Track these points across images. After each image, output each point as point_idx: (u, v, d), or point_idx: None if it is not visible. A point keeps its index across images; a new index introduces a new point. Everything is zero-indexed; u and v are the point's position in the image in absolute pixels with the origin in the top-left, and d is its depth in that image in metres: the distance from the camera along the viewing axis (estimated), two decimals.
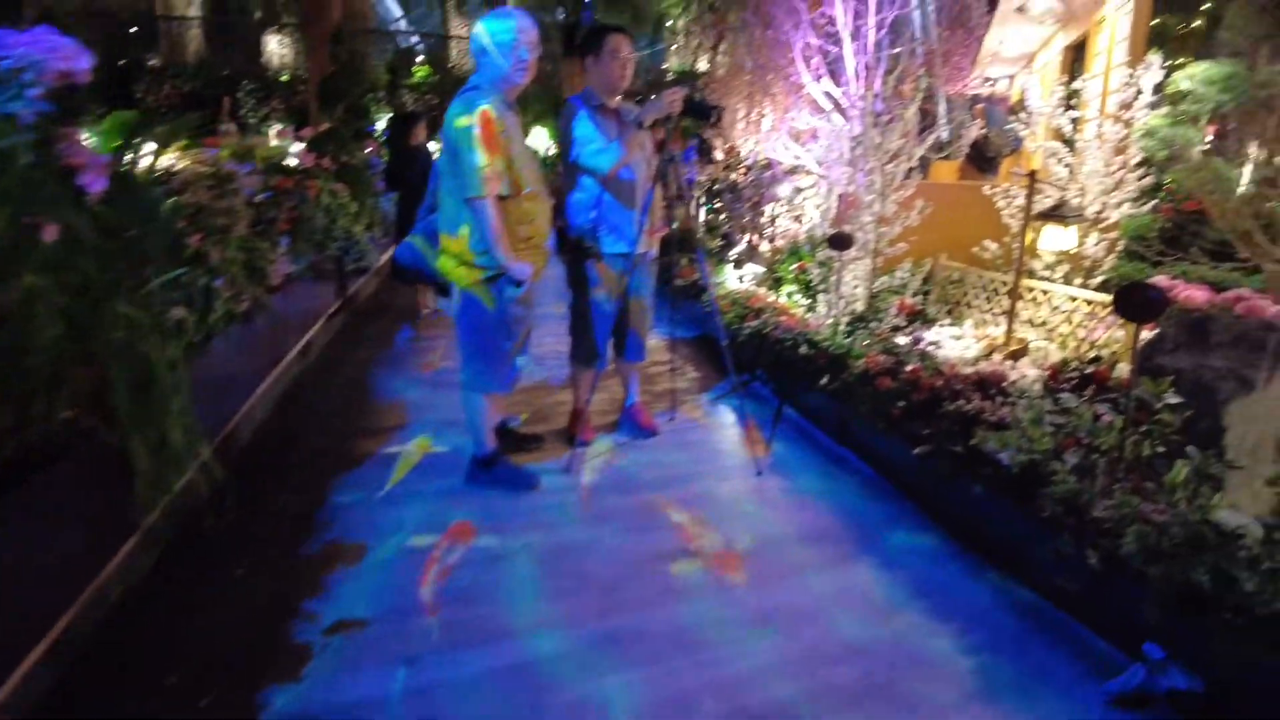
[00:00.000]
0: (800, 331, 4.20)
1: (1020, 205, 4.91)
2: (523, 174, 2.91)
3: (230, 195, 3.25)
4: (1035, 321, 4.80)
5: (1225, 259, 5.44)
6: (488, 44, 2.87)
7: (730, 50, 14.00)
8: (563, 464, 3.51)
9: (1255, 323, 3.07)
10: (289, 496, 3.19)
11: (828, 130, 4.83)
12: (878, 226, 4.57)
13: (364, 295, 7.32)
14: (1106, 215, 5.08)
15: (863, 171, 4.55)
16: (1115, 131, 5.06)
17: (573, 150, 3.31)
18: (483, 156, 2.75)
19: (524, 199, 2.94)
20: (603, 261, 3.42)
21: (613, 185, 3.34)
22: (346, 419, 4.14)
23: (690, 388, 4.62)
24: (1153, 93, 5.20)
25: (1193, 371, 2.93)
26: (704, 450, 3.71)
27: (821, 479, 3.39)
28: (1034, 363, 4.18)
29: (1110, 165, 5.06)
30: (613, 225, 3.39)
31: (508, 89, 2.93)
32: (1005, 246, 5.20)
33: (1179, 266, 5.50)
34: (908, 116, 4.45)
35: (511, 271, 2.91)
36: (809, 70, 4.84)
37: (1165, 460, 2.49)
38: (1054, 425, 2.68)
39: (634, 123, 3.23)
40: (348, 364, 5.18)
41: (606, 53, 3.28)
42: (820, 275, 4.93)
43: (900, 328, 4.28)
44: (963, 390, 3.08)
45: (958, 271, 5.33)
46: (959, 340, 4.50)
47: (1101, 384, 3.00)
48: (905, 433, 3.12)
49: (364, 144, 8.10)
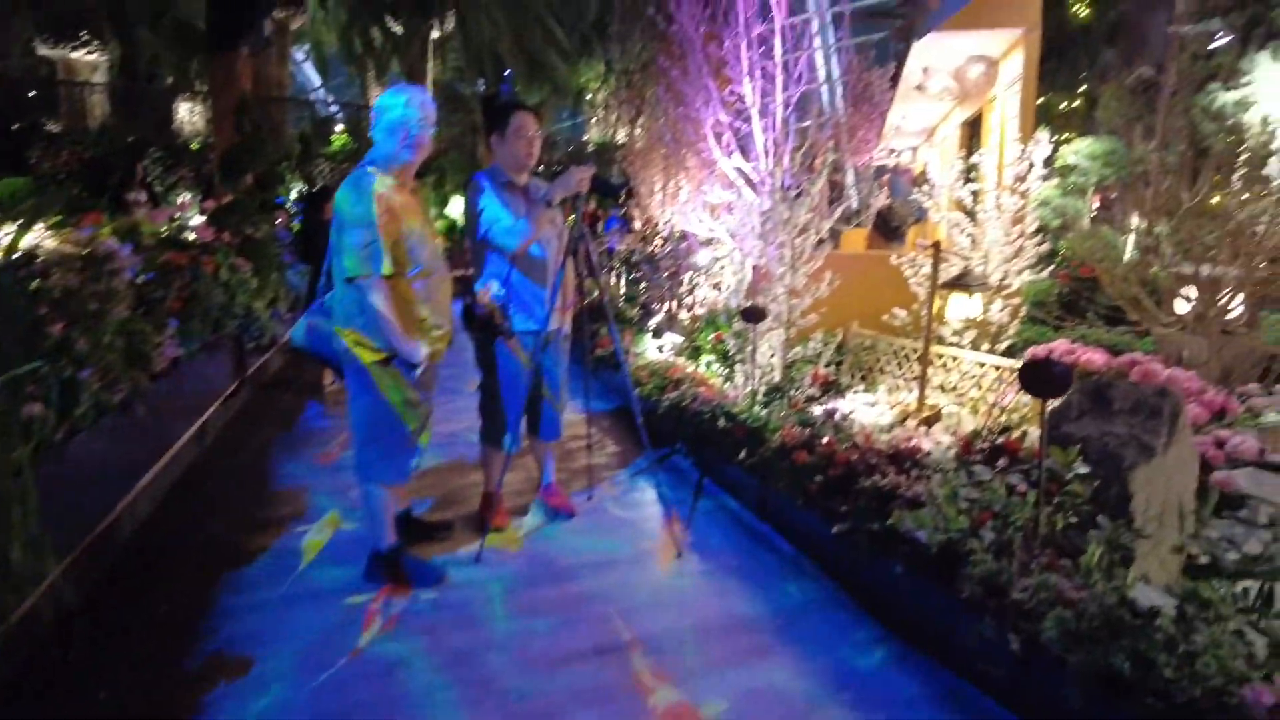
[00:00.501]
0: (718, 403, 4.16)
1: (927, 274, 5.05)
2: (416, 253, 2.81)
3: (108, 277, 3.02)
4: (946, 387, 4.90)
5: (1118, 323, 5.71)
6: (379, 121, 2.80)
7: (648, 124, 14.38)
8: (473, 554, 3.31)
9: (1151, 389, 3.15)
10: (171, 600, 2.90)
11: (740, 204, 4.90)
12: (790, 298, 4.61)
13: (267, 372, 6.99)
14: (1009, 282, 5.27)
15: (773, 245, 4.60)
16: (1013, 203, 5.29)
17: (480, 227, 3.22)
18: (364, 235, 2.66)
19: (418, 278, 2.83)
20: (513, 339, 3.31)
21: (522, 262, 3.27)
22: (242, 509, 3.85)
23: (609, 463, 4.49)
24: (1043, 166, 5.48)
25: (1098, 439, 2.97)
26: (623, 532, 3.57)
27: (741, 558, 3.29)
28: (947, 429, 4.23)
29: (1010, 234, 5.28)
30: (523, 303, 3.30)
31: (400, 166, 2.85)
32: (913, 314, 5.33)
33: (1078, 330, 5.73)
34: (815, 191, 4.54)
35: (404, 353, 2.78)
36: (720, 146, 4.92)
37: (1079, 532, 2.49)
38: (969, 500, 2.66)
39: (542, 200, 3.17)
40: (246, 447, 4.87)
41: (513, 130, 3.24)
42: (737, 345, 4.93)
43: (815, 398, 4.28)
44: (878, 464, 3.06)
45: (869, 339, 5.43)
46: (873, 407, 4.54)
47: (1013, 454, 3.01)
48: (823, 508, 3.06)
49: (271, 216, 7.86)
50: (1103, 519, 2.49)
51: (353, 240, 2.67)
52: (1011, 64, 5.95)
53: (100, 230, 3.38)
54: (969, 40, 6.10)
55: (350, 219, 2.68)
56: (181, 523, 3.66)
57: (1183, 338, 4.70)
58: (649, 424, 3.66)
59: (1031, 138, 5.21)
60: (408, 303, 2.82)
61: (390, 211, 2.72)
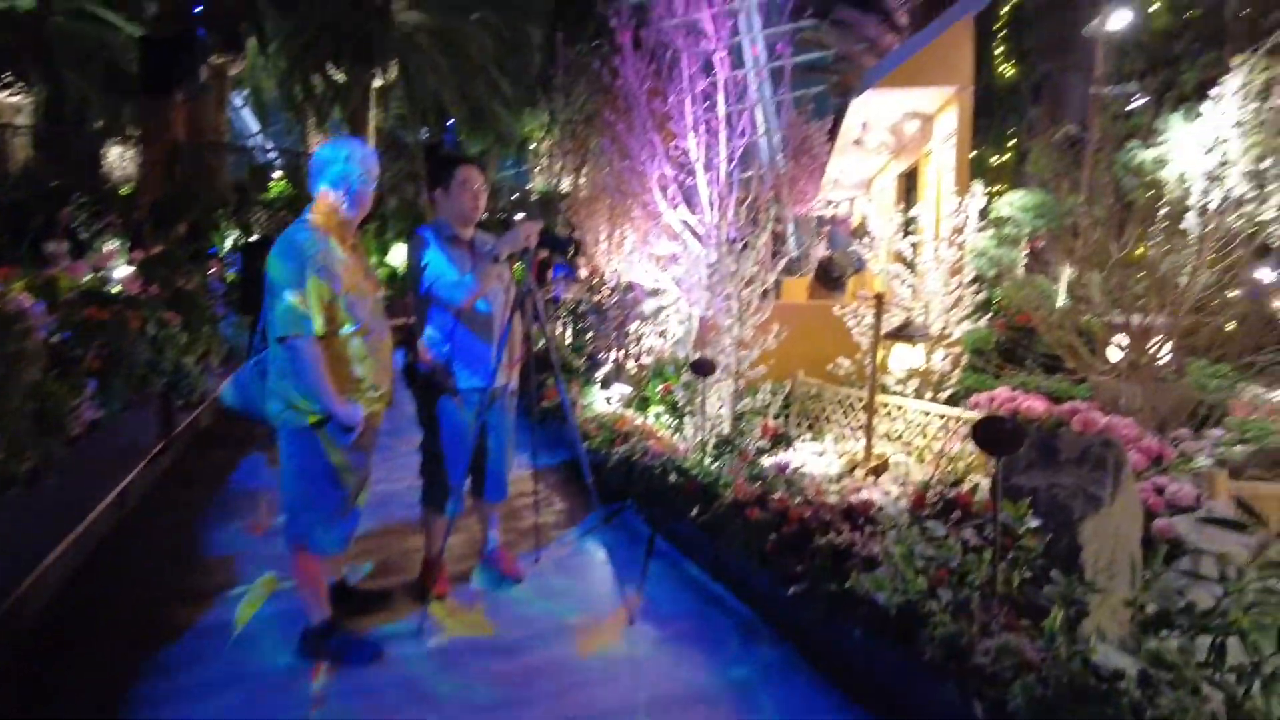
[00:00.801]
0: (669, 457, 4.09)
1: (869, 325, 5.12)
2: (355, 310, 2.70)
3: (17, 337, 2.83)
4: (892, 436, 4.93)
5: (1055, 370, 5.84)
6: (320, 175, 2.71)
7: (592, 173, 14.50)
8: (414, 625, 3.14)
9: (1097, 439, 3.19)
10: (76, 691, 2.66)
11: (686, 255, 4.90)
12: (738, 350, 4.60)
13: (197, 430, 6.67)
14: (949, 332, 5.37)
15: (720, 296, 4.60)
16: (951, 254, 5.41)
17: (423, 283, 3.13)
18: (296, 294, 2.54)
19: (356, 336, 2.72)
20: (457, 397, 3.20)
21: (467, 318, 3.17)
22: (165, 581, 3.60)
23: (557, 521, 4.37)
24: (978, 217, 5.63)
25: (1047, 490, 2.98)
26: (572, 597, 3.44)
27: (696, 622, 3.18)
28: (895, 478, 4.24)
29: (948, 285, 5.39)
30: (468, 359, 3.20)
31: (340, 221, 2.75)
32: (857, 363, 5.38)
33: (1017, 378, 5.84)
34: (760, 244, 4.57)
35: (339, 416, 2.65)
36: (665, 199, 4.94)
37: (1034, 587, 2.47)
38: (925, 558, 2.63)
39: (489, 255, 3.10)
40: (172, 512, 4.59)
41: (458, 184, 3.18)
42: (686, 397, 4.89)
43: (765, 450, 4.25)
44: (832, 521, 3.01)
45: (815, 388, 5.45)
46: (821, 457, 4.53)
47: (965, 508, 3.01)
48: (779, 568, 2.99)
49: (205, 266, 7.60)
50: (1056, 574, 2.48)
51: (285, 298, 2.56)
52: (946, 120, 6.16)
53: (10, 286, 3.17)
54: (905, 97, 6.30)
55: (283, 276, 2.57)
56: (96, 599, 3.40)
57: (1118, 385, 4.83)
58: (598, 478, 3.57)
59: (968, 191, 5.37)
60: (344, 362, 2.70)
61: (327, 268, 2.62)
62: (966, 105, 5.79)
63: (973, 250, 5.74)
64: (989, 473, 4.12)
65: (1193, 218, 4.71)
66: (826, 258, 7.62)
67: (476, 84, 17.77)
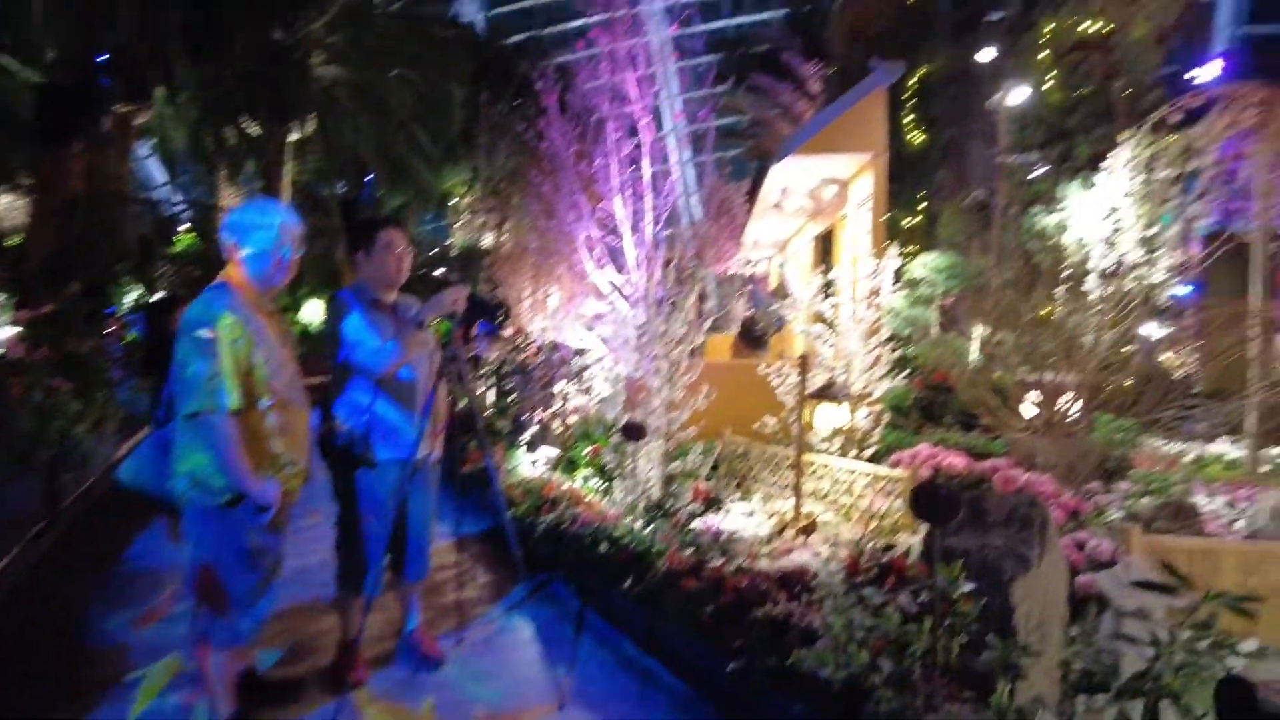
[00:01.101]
0: (599, 525, 3.98)
1: (794, 384, 5.18)
2: (272, 382, 2.54)
3: None
4: (819, 494, 4.95)
5: (972, 426, 6.03)
6: (244, 240, 2.56)
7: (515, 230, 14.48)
8: (329, 715, 2.90)
9: (1023, 499, 3.25)
10: None
11: (614, 316, 4.87)
12: (667, 411, 4.56)
13: (90, 502, 6.17)
14: (870, 390, 5.48)
15: (649, 357, 4.57)
16: (869, 314, 5.55)
17: (343, 349, 2.98)
18: (213, 366, 2.38)
19: (274, 410, 2.55)
20: (376, 470, 3.03)
21: (389, 386, 3.03)
22: (49, 675, 3.24)
23: (481, 596, 4.16)
24: (894, 279, 5.81)
25: (978, 552, 3.00)
26: (498, 679, 3.26)
27: (631, 704, 3.04)
28: (825, 539, 4.24)
29: (868, 344, 5.51)
30: (389, 430, 3.04)
31: (262, 288, 2.60)
32: (782, 421, 5.42)
33: (936, 434, 6.00)
34: (689, 306, 4.59)
35: (254, 495, 2.46)
36: (592, 259, 4.92)
37: (972, 653, 2.46)
38: (864, 629, 2.59)
39: (413, 321, 2.98)
40: (56, 596, 4.18)
41: (381, 247, 3.07)
42: (615, 460, 4.80)
43: (697, 513, 4.19)
44: (769, 590, 2.96)
45: (742, 447, 5.46)
46: (751, 517, 4.50)
47: (900, 573, 3.00)
48: (716, 641, 2.91)
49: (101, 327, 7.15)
50: (992, 638, 2.48)
51: (198, 370, 2.38)
52: (862, 185, 6.38)
53: None
54: (823, 163, 6.53)
55: (196, 345, 2.40)
56: None
57: (1032, 440, 5.00)
58: (525, 548, 3.43)
59: (884, 253, 5.54)
60: (260, 437, 2.52)
61: (246, 338, 2.46)
62: (881, 171, 6.03)
63: (889, 310, 5.92)
64: (915, 530, 4.17)
65: (1093, 280, 4.98)
66: (749, 317, 7.74)
67: (396, 139, 17.64)
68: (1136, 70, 8.44)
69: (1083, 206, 5.42)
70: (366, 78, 16.73)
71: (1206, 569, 3.58)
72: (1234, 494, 4.73)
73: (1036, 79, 9.01)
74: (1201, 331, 5.83)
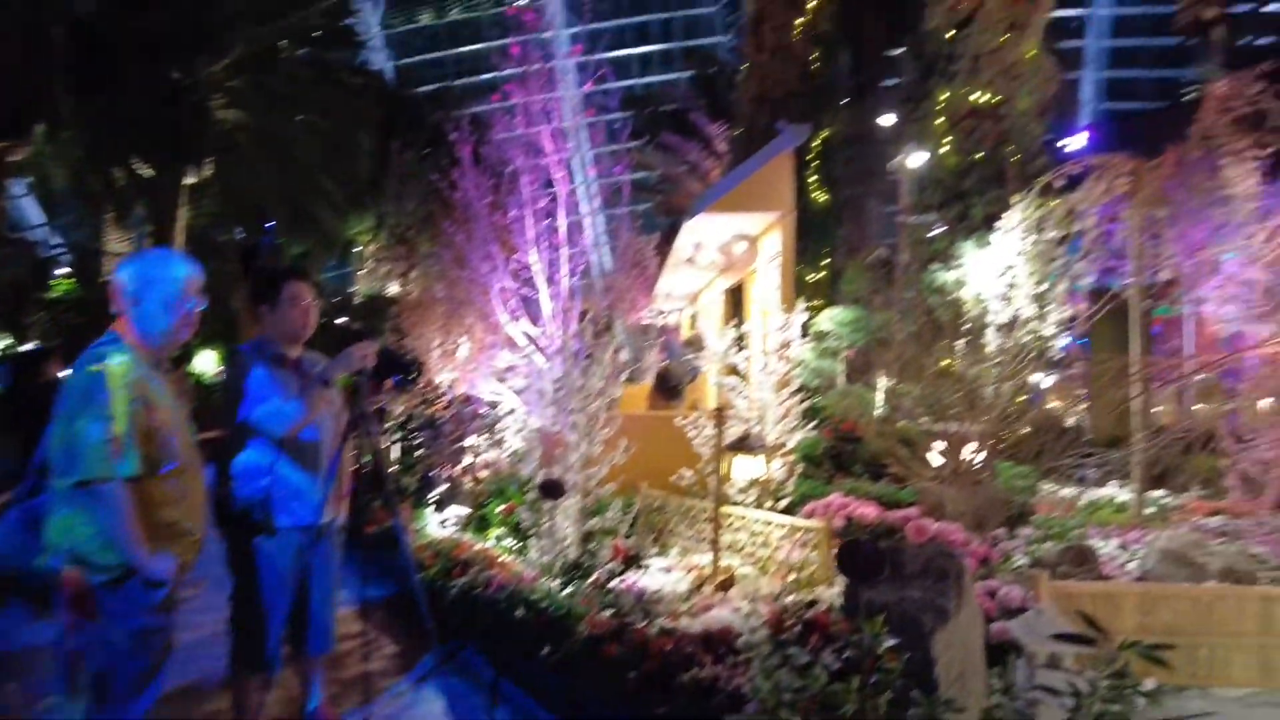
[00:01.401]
0: (515, 588, 3.82)
1: (710, 435, 5.19)
2: (168, 447, 2.32)
3: None
4: (736, 547, 4.93)
5: (881, 475, 6.17)
6: (142, 294, 2.36)
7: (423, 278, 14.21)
8: None
9: (937, 550, 3.30)
10: None
11: (529, 368, 4.78)
12: (585, 467, 4.48)
13: None
14: (784, 441, 5.54)
15: (566, 411, 4.49)
16: (781, 366, 5.65)
17: (243, 408, 2.78)
18: (107, 429, 2.16)
19: (169, 476, 2.33)
20: (277, 537, 2.82)
21: (291, 447, 2.84)
22: None
23: (388, 668, 3.92)
24: (801, 331, 5.94)
25: (898, 605, 3.01)
26: None
27: None
28: (744, 593, 4.20)
29: (780, 395, 5.60)
30: (290, 493, 2.84)
31: (162, 345, 2.40)
32: (699, 473, 5.42)
33: (847, 484, 6.10)
34: (606, 359, 4.55)
35: (146, 571, 2.23)
36: (506, 311, 4.83)
37: (898, 709, 2.44)
38: (792, 690, 2.54)
39: (319, 378, 2.81)
40: None
41: (286, 299, 2.91)
42: (531, 518, 4.66)
43: (617, 572, 4.09)
44: (694, 654, 2.88)
45: (659, 500, 5.40)
46: (669, 573, 4.43)
47: (824, 629, 2.98)
48: (641, 708, 2.80)
49: None
50: (916, 694, 2.47)
51: (89, 432, 2.14)
52: (771, 241, 6.56)
53: None
54: (734, 221, 6.71)
55: (88, 407, 2.17)
56: None
57: (939, 489, 5.14)
58: (435, 614, 3.24)
59: (793, 307, 5.67)
60: (155, 506, 2.29)
61: (145, 398, 2.25)
62: (789, 228, 6.21)
63: (799, 362, 6.04)
64: (833, 582, 4.18)
65: (991, 333, 5.23)
66: (664, 367, 7.76)
67: (299, 185, 17.13)
68: (1024, 138, 9.19)
69: (979, 264, 5.72)
70: (270, 123, 16.26)
71: (1108, 611, 3.73)
72: (1125, 537, 4.98)
73: (933, 144, 9.65)
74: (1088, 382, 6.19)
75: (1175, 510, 5.52)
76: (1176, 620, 3.79)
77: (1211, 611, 3.79)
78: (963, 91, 9.43)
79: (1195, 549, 4.33)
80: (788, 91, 14.12)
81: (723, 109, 17.54)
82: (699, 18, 34.96)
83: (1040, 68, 9.94)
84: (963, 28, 9.99)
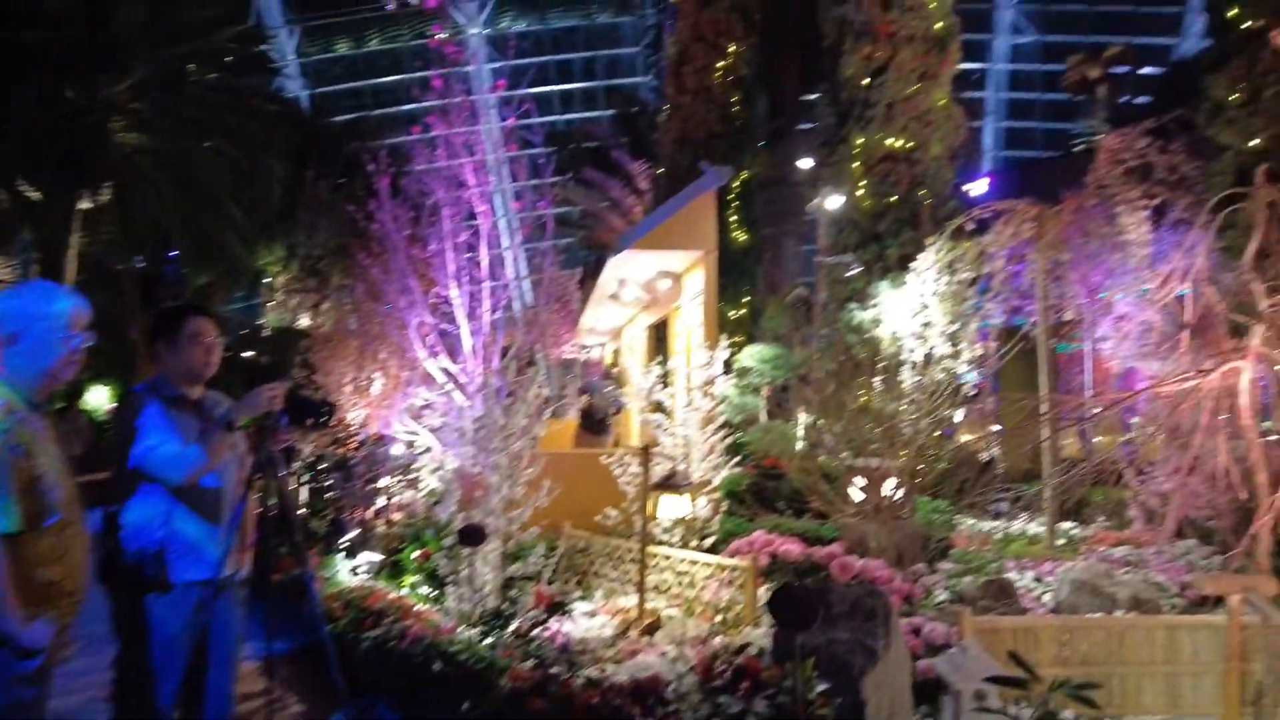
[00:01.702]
0: (432, 640, 3.63)
1: (635, 473, 5.13)
2: (49, 498, 2.10)
3: None
4: (661, 588, 4.85)
5: (804, 511, 6.21)
6: (21, 331, 2.14)
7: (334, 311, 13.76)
8: None
9: (864, 589, 3.30)
10: None
11: (447, 406, 4.62)
12: (506, 510, 4.34)
13: None
14: (709, 478, 5.52)
15: (487, 451, 4.35)
16: (705, 403, 5.65)
17: (135, 453, 2.55)
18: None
19: (50, 531, 2.10)
20: (171, 594, 2.58)
21: (190, 496, 2.61)
22: None
23: None
24: (724, 368, 5.98)
25: (826, 648, 2.98)
26: None
27: None
28: (670, 636, 4.11)
29: (705, 432, 5.60)
30: (188, 546, 2.61)
31: (44, 388, 2.19)
32: (624, 512, 5.34)
33: (770, 520, 6.11)
34: (530, 396, 4.44)
35: (20, 639, 1.99)
36: (424, 346, 4.68)
37: None
38: None
39: (221, 421, 2.61)
40: None
41: (187, 336, 2.70)
42: (449, 565, 4.46)
43: (540, 621, 3.95)
44: (622, 706, 2.77)
45: (584, 540, 5.29)
46: (594, 618, 4.31)
47: (754, 675, 2.91)
48: None
49: None
50: None
51: None
52: (694, 279, 6.63)
53: None
54: (658, 258, 6.76)
55: None
56: None
57: (861, 524, 5.19)
58: (346, 668, 3.04)
59: (716, 344, 5.71)
60: (32, 565, 2.04)
61: (26, 446, 2.02)
62: (712, 267, 6.29)
63: (722, 399, 6.08)
64: (759, 622, 4.14)
65: (907, 371, 5.36)
66: (588, 403, 7.69)
67: (206, 213, 16.41)
68: (935, 183, 9.65)
69: (894, 303, 5.89)
70: (175, 147, 15.56)
71: (1029, 645, 3.79)
72: (1039, 569, 5.13)
73: (849, 186, 10.02)
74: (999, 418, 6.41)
75: (1084, 541, 5.73)
76: (1092, 650, 3.89)
77: (1123, 641, 3.90)
78: (878, 137, 9.86)
79: (1104, 579, 4.49)
80: (709, 133, 14.45)
81: (644, 147, 17.76)
82: (620, 57, 35.52)
83: (950, 115, 10.50)
84: (877, 76, 10.50)
